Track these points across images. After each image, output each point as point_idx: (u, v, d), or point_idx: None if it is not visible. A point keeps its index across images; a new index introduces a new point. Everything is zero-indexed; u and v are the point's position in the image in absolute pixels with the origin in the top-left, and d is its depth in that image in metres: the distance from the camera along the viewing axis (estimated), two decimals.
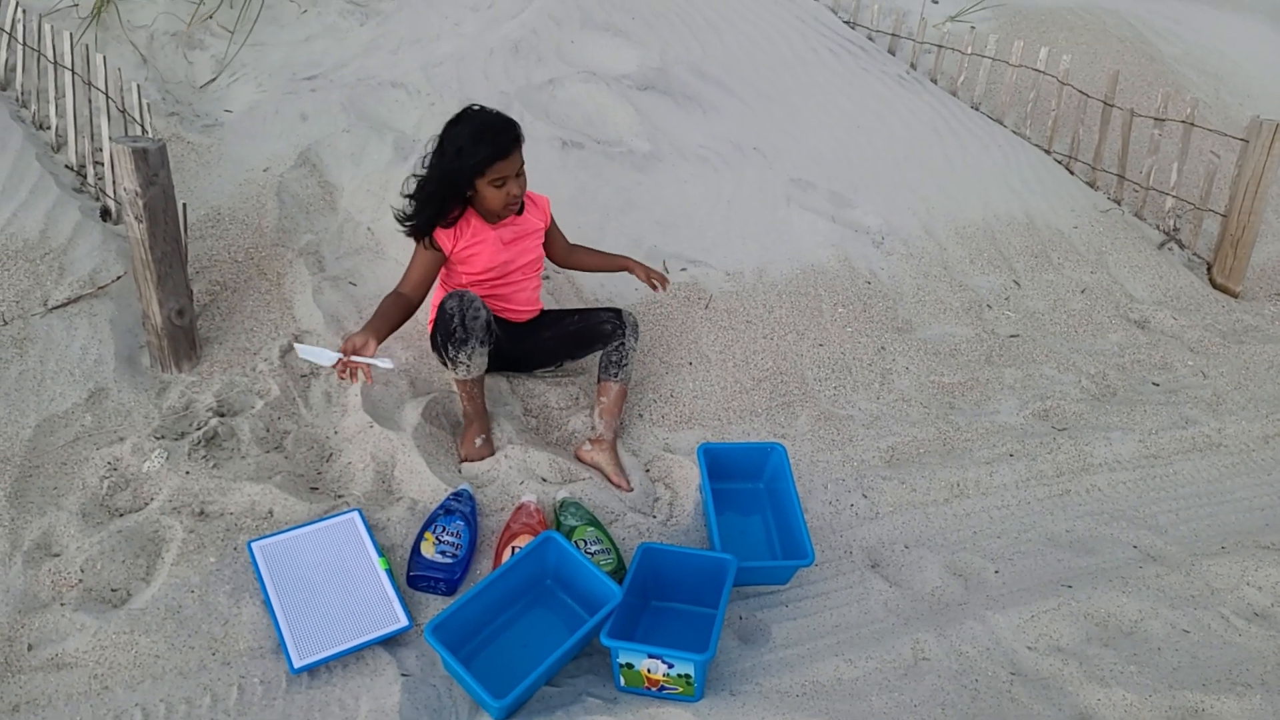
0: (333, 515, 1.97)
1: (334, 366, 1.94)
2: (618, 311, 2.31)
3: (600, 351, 2.33)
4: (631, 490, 2.18)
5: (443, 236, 2.14)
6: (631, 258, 2.46)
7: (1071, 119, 3.94)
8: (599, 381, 2.30)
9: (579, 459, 2.24)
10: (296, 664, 1.71)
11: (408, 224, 2.12)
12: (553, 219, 2.35)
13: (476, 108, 2.08)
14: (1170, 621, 1.95)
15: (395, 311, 2.10)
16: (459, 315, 2.06)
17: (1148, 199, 3.60)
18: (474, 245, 2.16)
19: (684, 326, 2.69)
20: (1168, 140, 3.89)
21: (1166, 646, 1.89)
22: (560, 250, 2.41)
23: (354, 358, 1.91)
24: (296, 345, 1.98)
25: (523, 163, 2.09)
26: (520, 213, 2.21)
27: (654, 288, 2.39)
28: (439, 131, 2.07)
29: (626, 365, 2.29)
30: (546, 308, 2.45)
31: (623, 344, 2.27)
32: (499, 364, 2.33)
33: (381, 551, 1.92)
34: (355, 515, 1.97)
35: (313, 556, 1.89)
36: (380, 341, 1.99)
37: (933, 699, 1.73)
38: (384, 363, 1.92)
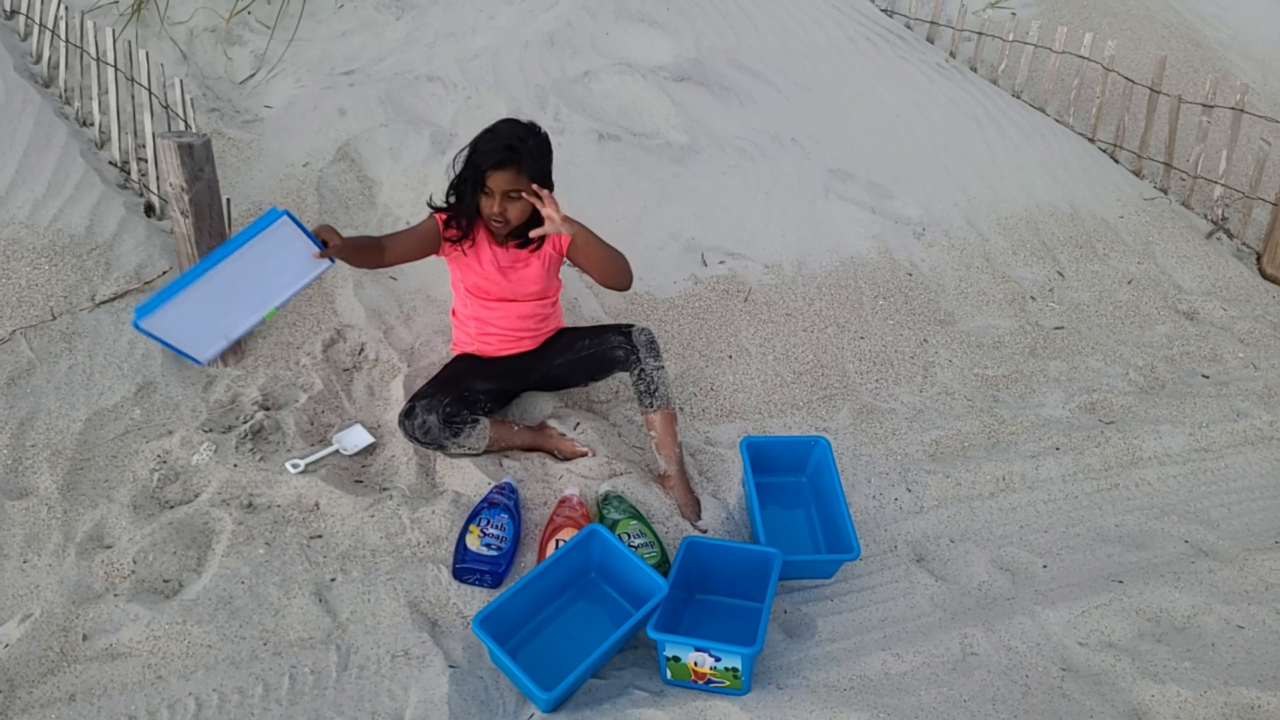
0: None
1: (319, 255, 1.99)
2: (627, 333, 2.17)
3: (620, 374, 2.24)
4: (699, 520, 2.10)
5: (445, 229, 2.10)
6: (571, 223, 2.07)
7: (1116, 106, 3.86)
8: (641, 414, 2.19)
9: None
10: (141, 321, 1.76)
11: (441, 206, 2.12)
12: (578, 244, 2.09)
13: (526, 121, 2.04)
14: (1224, 617, 1.91)
15: (370, 245, 2.06)
16: (419, 437, 2.05)
17: (1195, 187, 3.52)
18: (470, 258, 2.12)
19: (723, 319, 2.67)
20: (1216, 127, 3.79)
21: (1221, 642, 1.85)
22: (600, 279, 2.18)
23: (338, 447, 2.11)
24: (340, 444, 2.15)
25: (521, 193, 1.97)
26: (533, 247, 2.10)
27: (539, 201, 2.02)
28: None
29: (659, 390, 2.13)
30: (566, 324, 2.36)
31: (643, 369, 2.14)
32: (521, 390, 2.30)
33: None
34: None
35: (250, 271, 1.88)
36: (346, 245, 2.00)
37: (983, 694, 1.71)
38: (362, 441, 2.14)
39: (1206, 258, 3.27)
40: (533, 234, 2.02)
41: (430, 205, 2.15)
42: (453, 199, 2.09)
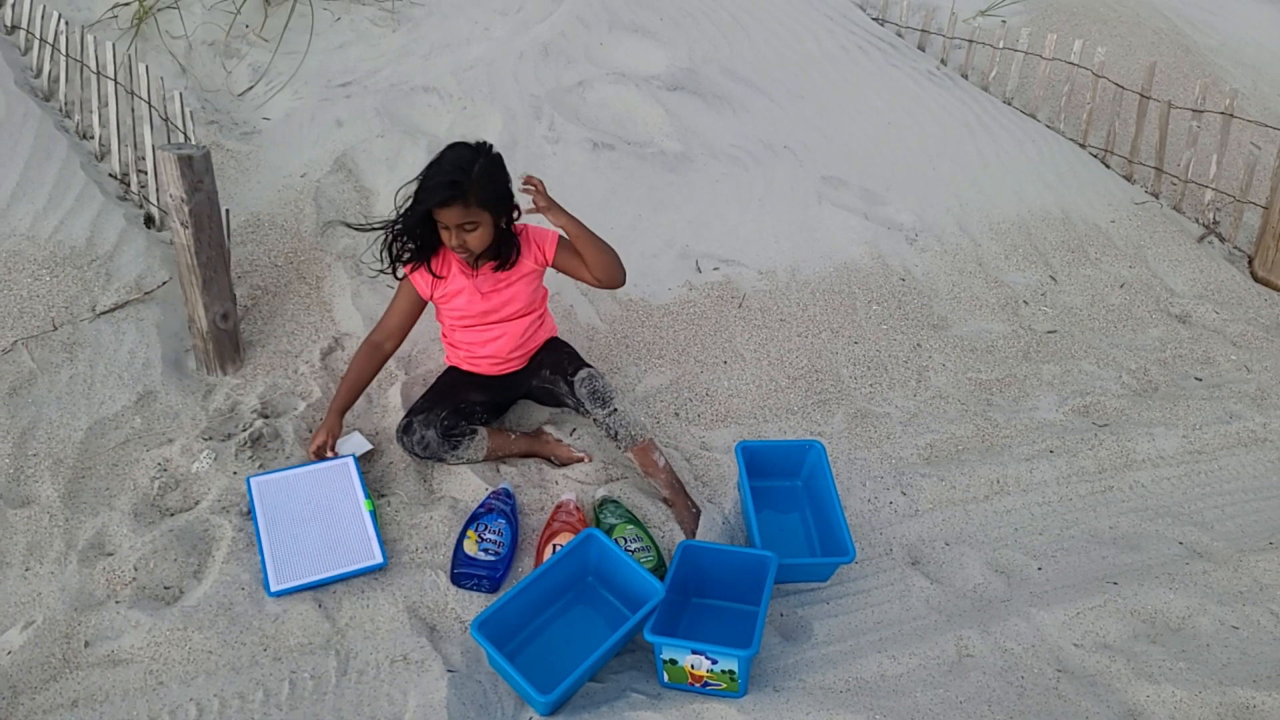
0: (328, 459, 2.10)
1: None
2: (571, 383, 2.13)
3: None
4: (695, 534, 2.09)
5: (419, 281, 2.08)
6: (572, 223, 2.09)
7: (1107, 112, 3.89)
8: (620, 453, 2.17)
9: None
10: (274, 588, 1.84)
11: (383, 255, 2.04)
12: (567, 249, 2.12)
13: (459, 144, 1.95)
14: (1218, 618, 1.92)
15: (364, 374, 2.13)
16: (418, 452, 2.08)
17: (1186, 192, 3.55)
18: (451, 293, 2.10)
19: (718, 325, 2.69)
20: (1206, 132, 3.83)
21: (1215, 643, 1.86)
22: (588, 276, 2.14)
23: (328, 455, 2.10)
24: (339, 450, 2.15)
25: (477, 224, 1.93)
26: (504, 266, 2.07)
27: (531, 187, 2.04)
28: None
29: (620, 432, 2.10)
30: (560, 331, 2.37)
31: (595, 419, 2.11)
32: (514, 400, 2.32)
33: (369, 494, 2.04)
34: (349, 460, 2.09)
35: (304, 494, 2.02)
36: (340, 419, 2.13)
37: (978, 695, 1.72)
38: (360, 448, 2.14)
39: (1198, 261, 3.30)
40: (524, 209, 2.01)
41: (396, 274, 2.08)
42: (406, 240, 2.01)
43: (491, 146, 1.97)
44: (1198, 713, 1.69)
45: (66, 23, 3.20)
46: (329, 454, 2.10)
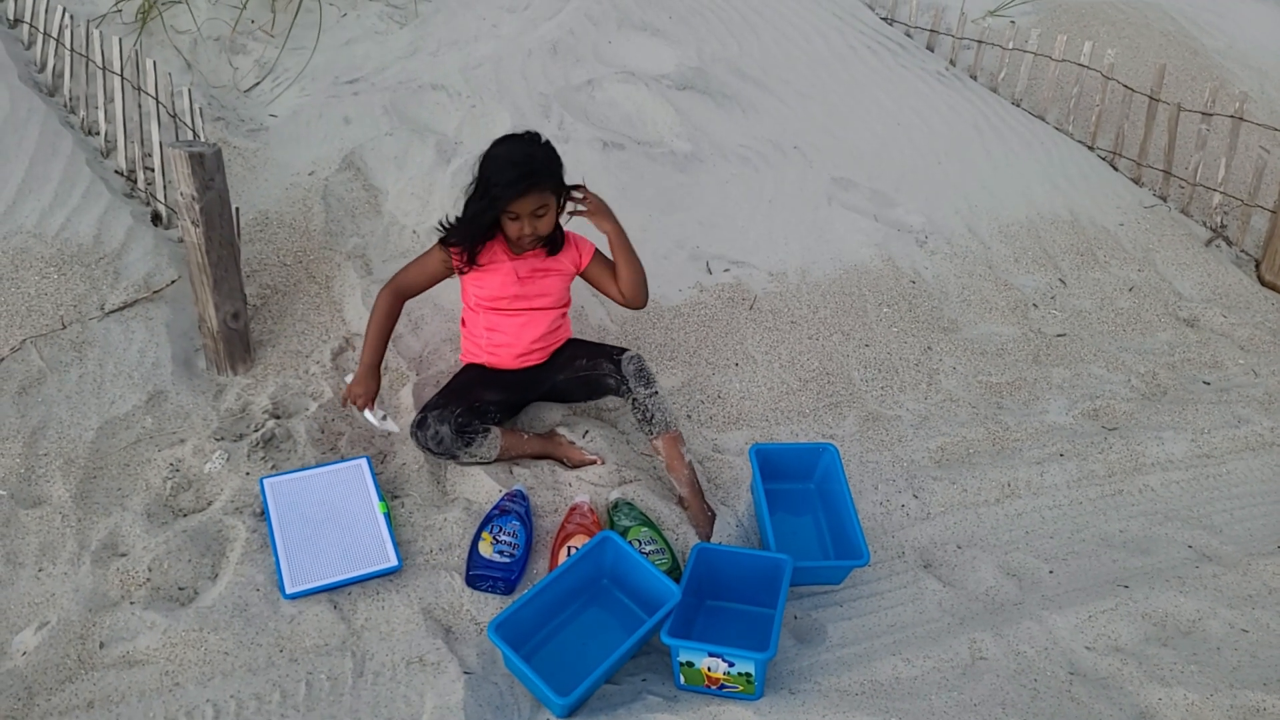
0: (342, 460, 2.11)
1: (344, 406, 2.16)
2: (617, 361, 2.17)
3: (616, 399, 2.24)
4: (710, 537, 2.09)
5: (456, 255, 2.10)
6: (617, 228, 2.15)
7: (1115, 114, 3.89)
8: (647, 440, 2.20)
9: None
10: (289, 590, 1.83)
11: (445, 236, 2.10)
12: (601, 262, 2.20)
13: (523, 134, 2.03)
14: (1228, 621, 1.93)
15: (389, 323, 2.15)
16: (431, 448, 2.07)
17: (1194, 195, 3.55)
18: (488, 270, 2.11)
19: (729, 327, 2.69)
20: (1215, 135, 3.83)
21: (1226, 646, 1.87)
22: (617, 294, 2.21)
23: (364, 413, 2.13)
24: (369, 417, 2.16)
25: (547, 208, 2.00)
26: (553, 252, 2.14)
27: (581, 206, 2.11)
28: (484, 149, 2.04)
29: (655, 416, 2.13)
30: (574, 333, 2.37)
31: (635, 399, 2.14)
32: (529, 400, 2.31)
33: (383, 497, 2.04)
34: (363, 462, 2.09)
35: (318, 496, 2.02)
36: (378, 376, 2.15)
37: (992, 698, 1.73)
38: (390, 427, 2.15)
39: (1206, 265, 3.30)
40: (569, 213, 2.07)
41: (444, 237, 2.11)
42: (465, 228, 2.06)
43: (540, 134, 2.04)
44: (1209, 715, 1.70)
45: (71, 17, 3.18)
46: (365, 411, 2.13)
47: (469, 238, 2.06)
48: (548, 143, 2.03)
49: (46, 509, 1.96)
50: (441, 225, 2.12)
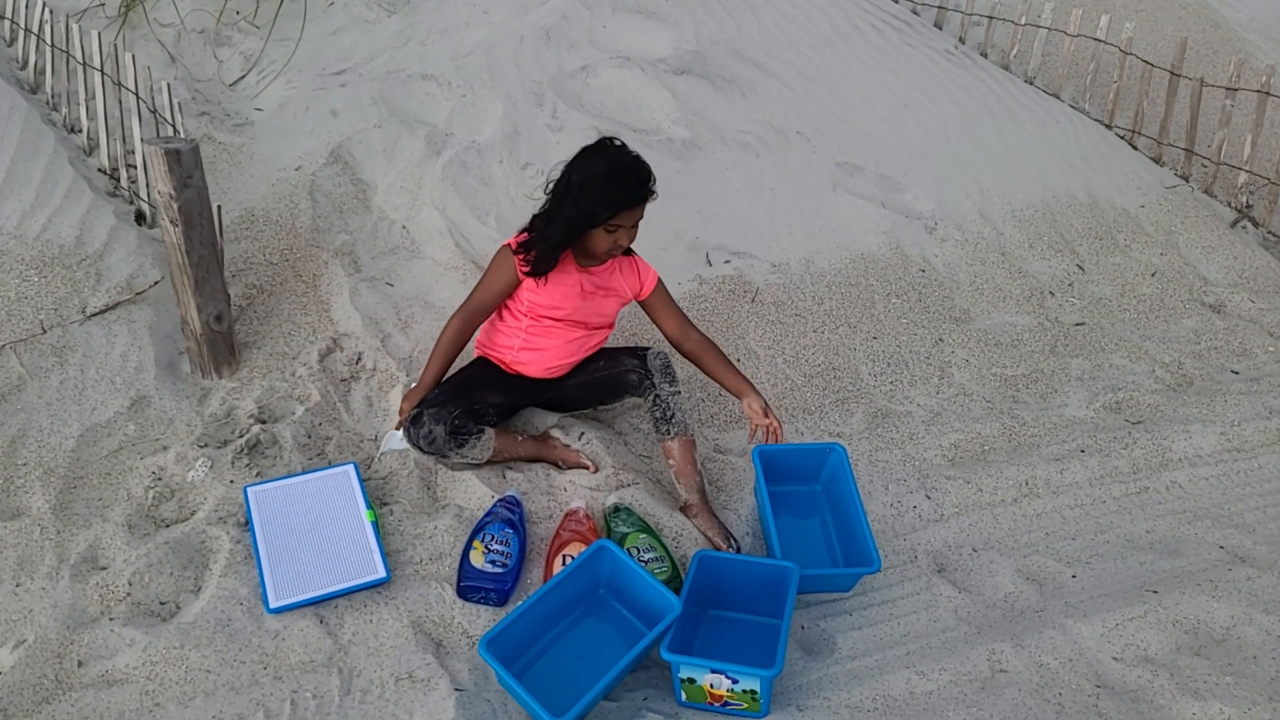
0: (329, 467, 2.04)
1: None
2: (642, 356, 2.11)
3: (633, 400, 2.17)
4: (730, 544, 2.03)
5: (522, 266, 1.99)
6: (751, 386, 2.06)
7: (1134, 91, 3.76)
8: (659, 442, 2.12)
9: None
10: (273, 604, 1.76)
11: (529, 258, 1.96)
12: (663, 294, 2.13)
13: (618, 143, 1.95)
14: (1265, 628, 1.83)
15: (451, 353, 2.06)
16: (422, 446, 1.99)
17: (1218, 174, 3.43)
18: (553, 280, 2.00)
19: (730, 321, 2.60)
20: (1240, 111, 3.69)
21: (1263, 655, 1.77)
22: (673, 331, 2.12)
23: (396, 432, 2.08)
24: (390, 440, 2.11)
25: (640, 217, 1.96)
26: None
27: (762, 437, 2.04)
28: (568, 159, 1.94)
29: (675, 416, 2.07)
30: None
31: (658, 395, 2.08)
32: (529, 405, 2.23)
33: (371, 504, 1.97)
34: (350, 468, 2.03)
35: (304, 504, 1.96)
36: (430, 385, 2.07)
37: (1014, 714, 1.64)
38: (399, 444, 2.09)
39: (1232, 248, 3.18)
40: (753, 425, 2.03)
41: (524, 243, 1.98)
42: (551, 243, 1.94)
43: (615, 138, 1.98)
44: None
45: (51, 11, 3.10)
46: (399, 430, 2.08)
47: (557, 248, 1.94)
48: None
49: (25, 521, 1.91)
50: (517, 252, 1.99)
